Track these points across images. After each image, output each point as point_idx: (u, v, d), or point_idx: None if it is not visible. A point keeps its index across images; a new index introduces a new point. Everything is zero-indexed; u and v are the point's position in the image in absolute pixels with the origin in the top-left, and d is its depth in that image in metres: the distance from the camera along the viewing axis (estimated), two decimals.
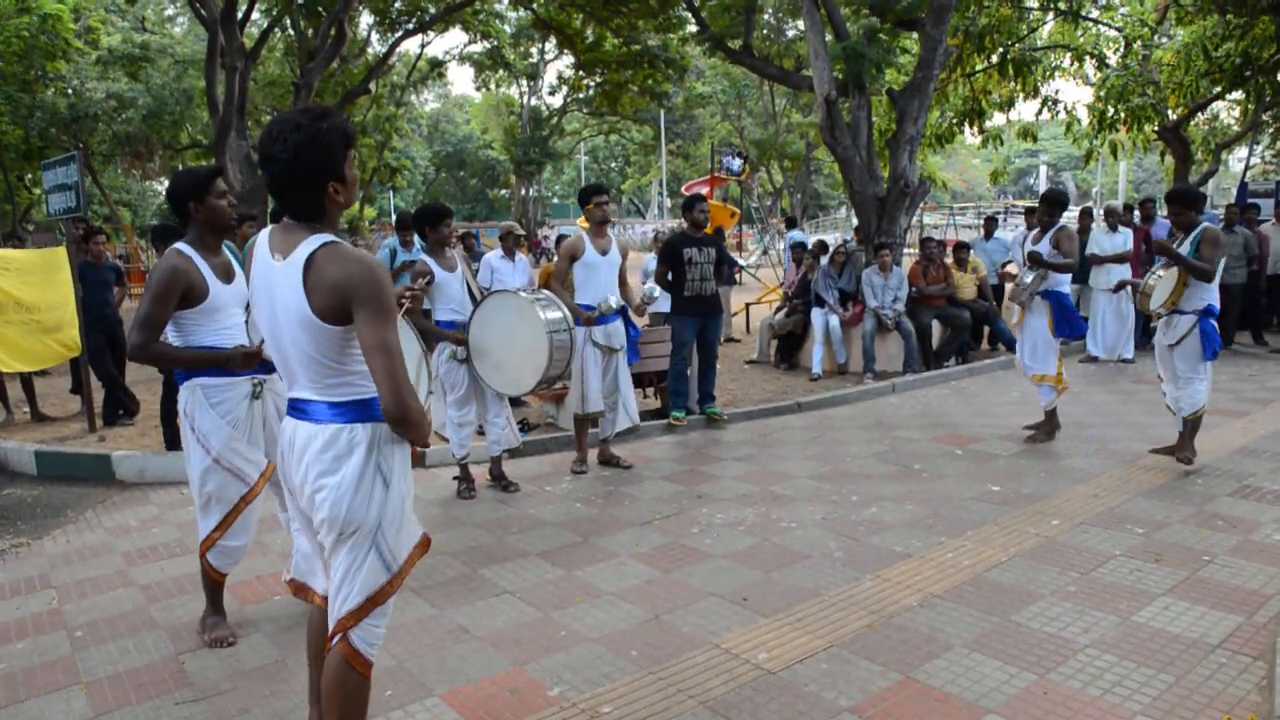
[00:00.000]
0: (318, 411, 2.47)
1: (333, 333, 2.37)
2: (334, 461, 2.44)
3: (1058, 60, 15.37)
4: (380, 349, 2.28)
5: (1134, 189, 48.74)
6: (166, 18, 30.15)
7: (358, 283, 2.29)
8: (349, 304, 2.30)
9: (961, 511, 5.19)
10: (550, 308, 5.52)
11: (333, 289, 2.30)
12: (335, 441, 2.44)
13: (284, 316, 2.40)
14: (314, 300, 2.33)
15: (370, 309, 2.29)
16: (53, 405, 8.95)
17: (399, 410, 2.29)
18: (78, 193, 7.87)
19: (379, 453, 2.47)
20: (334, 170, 2.39)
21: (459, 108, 56.18)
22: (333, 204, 2.44)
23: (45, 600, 4.45)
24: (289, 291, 2.36)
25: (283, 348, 2.47)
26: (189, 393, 3.75)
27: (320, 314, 2.34)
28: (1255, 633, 3.56)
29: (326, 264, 2.32)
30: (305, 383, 2.47)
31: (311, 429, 2.47)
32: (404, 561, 2.58)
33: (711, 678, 3.36)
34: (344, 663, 2.52)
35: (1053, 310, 6.60)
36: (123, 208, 36.89)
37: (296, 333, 2.39)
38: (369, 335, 2.28)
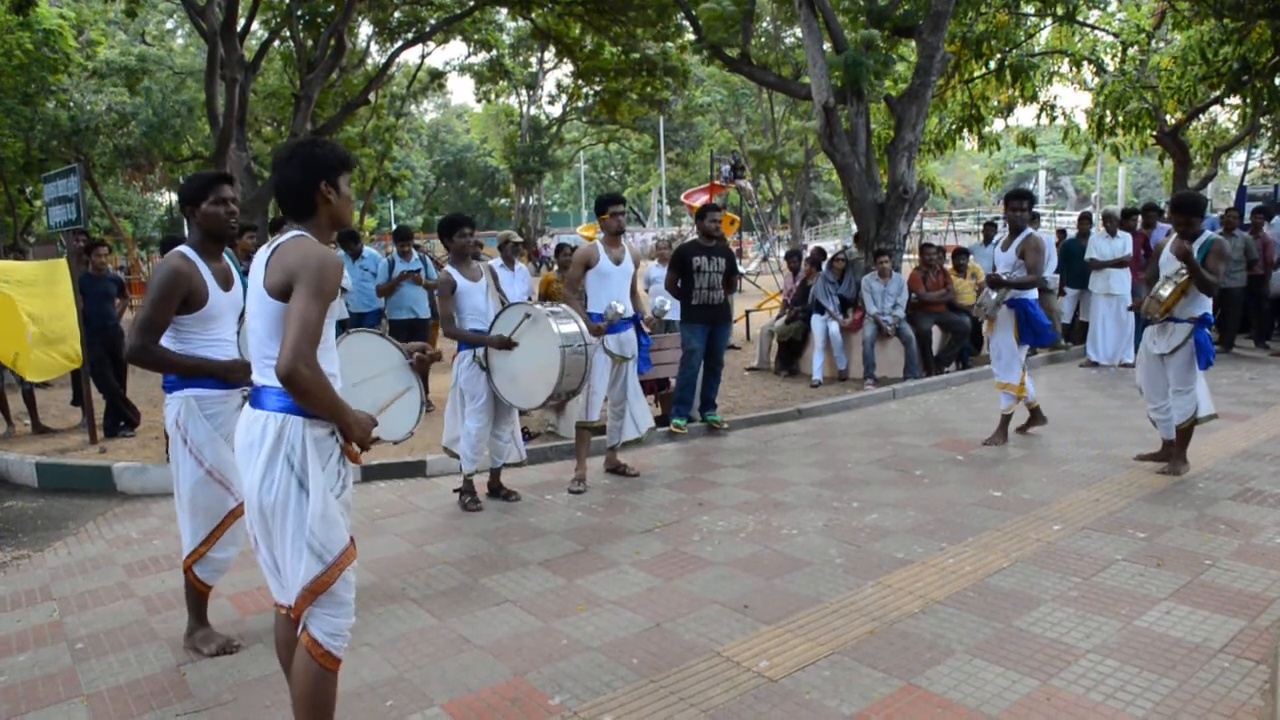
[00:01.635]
0: (261, 398, 2.64)
1: (276, 309, 2.56)
2: (248, 448, 2.63)
3: (1055, 66, 15.41)
4: (298, 316, 2.44)
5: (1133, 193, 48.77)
6: (166, 30, 30.26)
7: (306, 264, 2.49)
8: (291, 281, 2.50)
9: (963, 517, 5.19)
10: (565, 322, 5.53)
11: (285, 268, 2.52)
12: (252, 428, 2.63)
13: (253, 296, 2.63)
14: (269, 278, 2.56)
15: (305, 285, 2.47)
16: (54, 417, 8.95)
17: (286, 370, 2.42)
18: (78, 205, 7.89)
19: (287, 444, 2.59)
20: (325, 173, 2.65)
21: (459, 117, 56.33)
22: (323, 202, 2.67)
23: (46, 612, 4.45)
24: (258, 273, 2.61)
25: (250, 328, 2.68)
26: (182, 403, 3.72)
27: (270, 290, 2.56)
28: (1258, 637, 3.55)
29: (290, 248, 2.56)
30: (259, 369, 2.66)
31: (247, 414, 2.68)
32: (338, 554, 2.65)
33: (713, 686, 3.35)
34: (306, 655, 2.64)
35: (1018, 319, 6.64)
36: (124, 220, 36.94)
37: (255, 309, 2.62)
38: (294, 305, 2.46)
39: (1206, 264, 5.54)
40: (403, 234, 9.34)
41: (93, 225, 25.38)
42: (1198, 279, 5.52)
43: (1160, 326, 5.77)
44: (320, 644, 2.64)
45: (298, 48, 19.19)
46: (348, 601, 2.71)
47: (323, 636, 2.65)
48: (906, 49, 13.00)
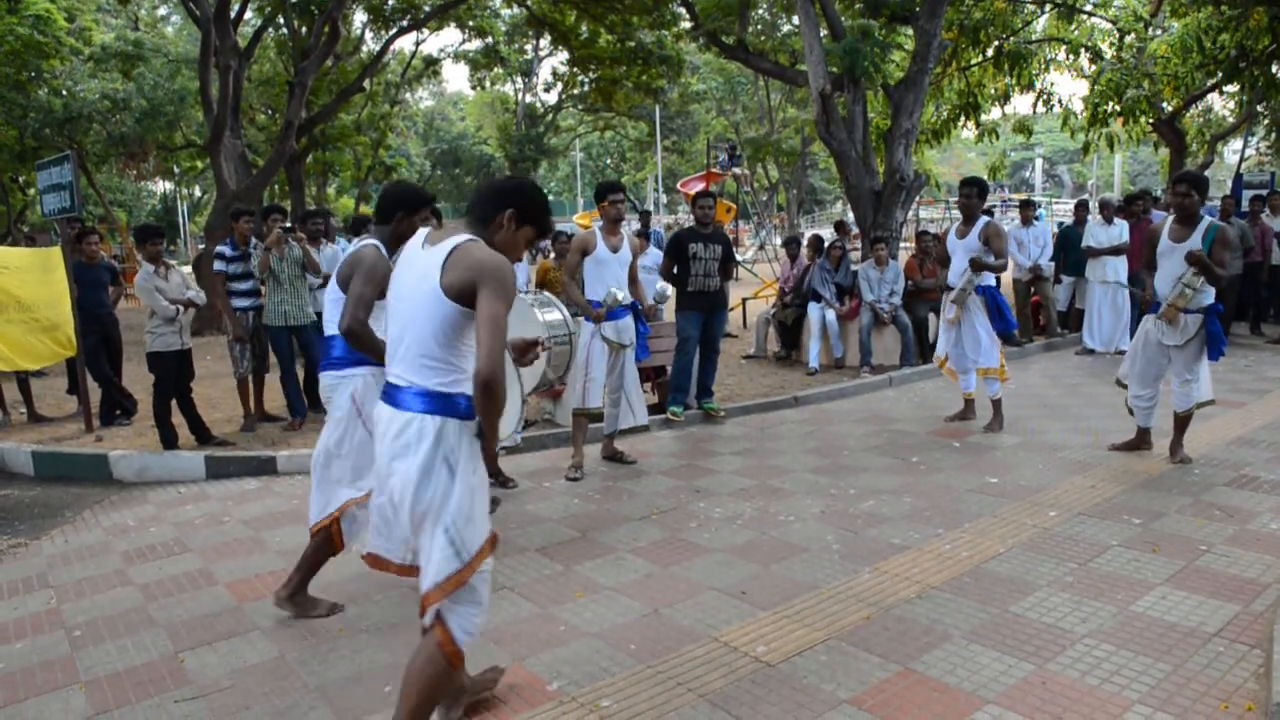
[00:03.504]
0: (405, 398, 2.69)
1: (453, 310, 2.62)
2: (404, 448, 2.66)
3: (1052, 53, 15.38)
4: (490, 320, 2.52)
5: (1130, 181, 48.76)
6: (159, 17, 30.07)
7: (489, 268, 2.57)
8: (475, 284, 2.56)
9: (959, 503, 5.20)
10: (548, 309, 5.51)
11: (466, 269, 2.58)
12: (406, 429, 2.66)
13: (416, 293, 2.67)
14: (446, 277, 2.60)
15: (492, 289, 2.55)
16: (49, 406, 8.93)
17: (488, 373, 2.49)
18: (72, 193, 7.85)
19: (445, 445, 2.65)
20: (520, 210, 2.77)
21: (454, 105, 56.08)
22: (499, 227, 2.76)
23: (43, 600, 4.45)
24: (429, 269, 2.64)
25: (403, 327, 2.72)
26: (367, 379, 3.90)
27: (447, 290, 2.60)
28: (1252, 621, 3.57)
29: (468, 251, 2.63)
30: (406, 367, 2.70)
31: (393, 414, 2.71)
32: (475, 553, 2.70)
33: (710, 671, 3.36)
34: (436, 645, 2.70)
35: (988, 305, 6.69)
36: (118, 208, 36.79)
37: (420, 308, 2.65)
38: (485, 308, 2.53)
39: (1213, 254, 5.48)
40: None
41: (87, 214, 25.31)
42: (1211, 278, 5.49)
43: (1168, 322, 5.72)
44: (454, 639, 2.71)
45: (292, 34, 19.10)
46: (484, 598, 2.80)
47: (459, 632, 2.72)
48: (904, 36, 12.96)
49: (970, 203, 6.76)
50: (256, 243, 7.57)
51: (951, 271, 6.88)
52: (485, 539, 2.74)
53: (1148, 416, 6.03)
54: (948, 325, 6.95)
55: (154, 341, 6.95)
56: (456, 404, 2.67)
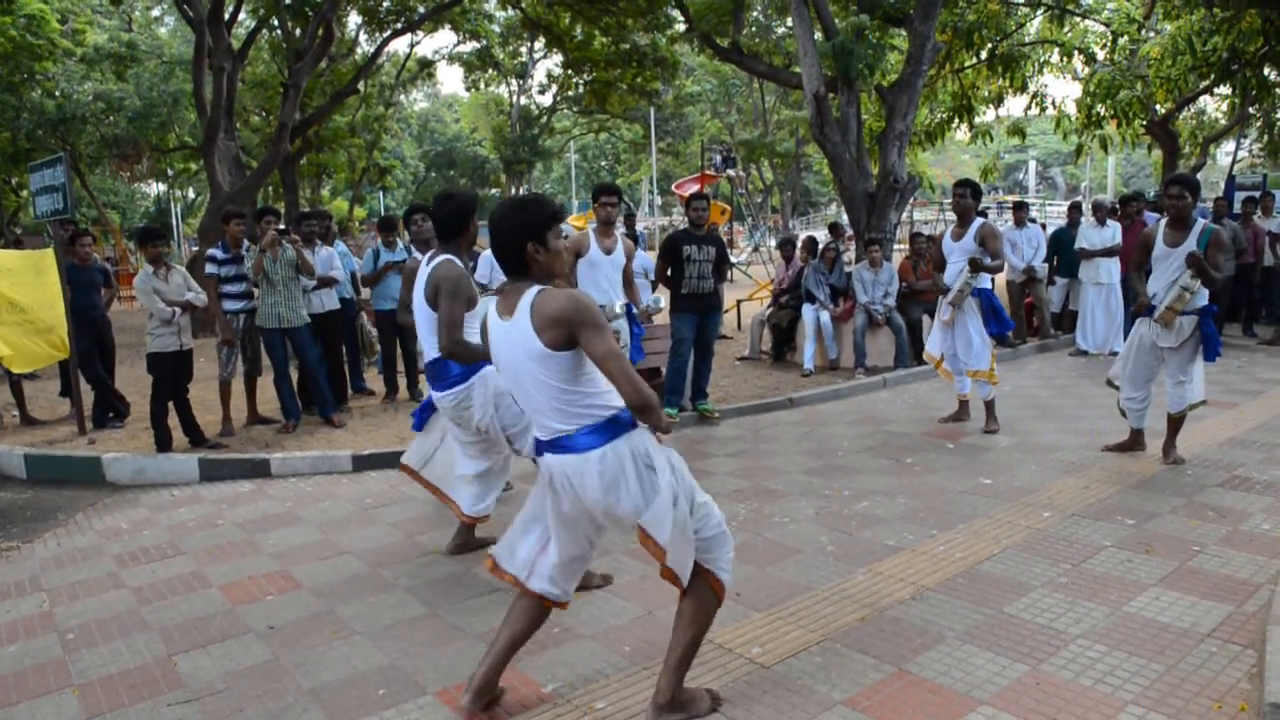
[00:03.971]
0: (577, 442, 2.85)
1: (563, 359, 2.78)
2: (613, 482, 2.83)
3: (1046, 56, 15.42)
4: (609, 355, 2.71)
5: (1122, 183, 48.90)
6: (153, 18, 30.00)
7: (573, 312, 2.72)
8: (571, 330, 2.73)
9: (953, 504, 5.21)
10: None
11: (555, 321, 2.73)
12: (605, 465, 2.82)
13: (523, 363, 2.83)
14: (543, 337, 2.75)
15: (589, 328, 2.72)
16: (42, 408, 8.90)
17: (639, 399, 2.73)
18: (65, 194, 7.83)
19: (639, 456, 2.86)
20: (530, 235, 2.83)
21: (448, 107, 56.05)
22: (533, 262, 2.85)
23: (36, 603, 4.43)
24: (521, 338, 2.80)
25: (528, 394, 2.90)
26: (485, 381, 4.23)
27: (549, 345, 2.75)
28: (1245, 621, 3.58)
29: (543, 305, 2.76)
30: (556, 420, 2.87)
31: (578, 459, 2.85)
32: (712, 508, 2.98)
33: (705, 673, 3.36)
34: (707, 589, 2.97)
35: (983, 308, 6.70)
36: (111, 210, 36.71)
37: (535, 370, 2.81)
38: (597, 348, 2.72)
39: (1207, 256, 5.48)
40: (387, 224, 9.27)
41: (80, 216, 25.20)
42: (1207, 281, 5.50)
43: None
44: (720, 580, 2.98)
45: (286, 36, 19.06)
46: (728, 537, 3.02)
47: (721, 574, 2.98)
48: (898, 38, 12.98)
49: (964, 203, 6.76)
50: (249, 245, 7.56)
51: (947, 274, 6.88)
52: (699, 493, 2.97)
53: (1141, 418, 6.04)
54: (943, 326, 6.96)
55: (154, 343, 6.94)
56: (620, 420, 2.86)
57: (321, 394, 7.80)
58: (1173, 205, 5.64)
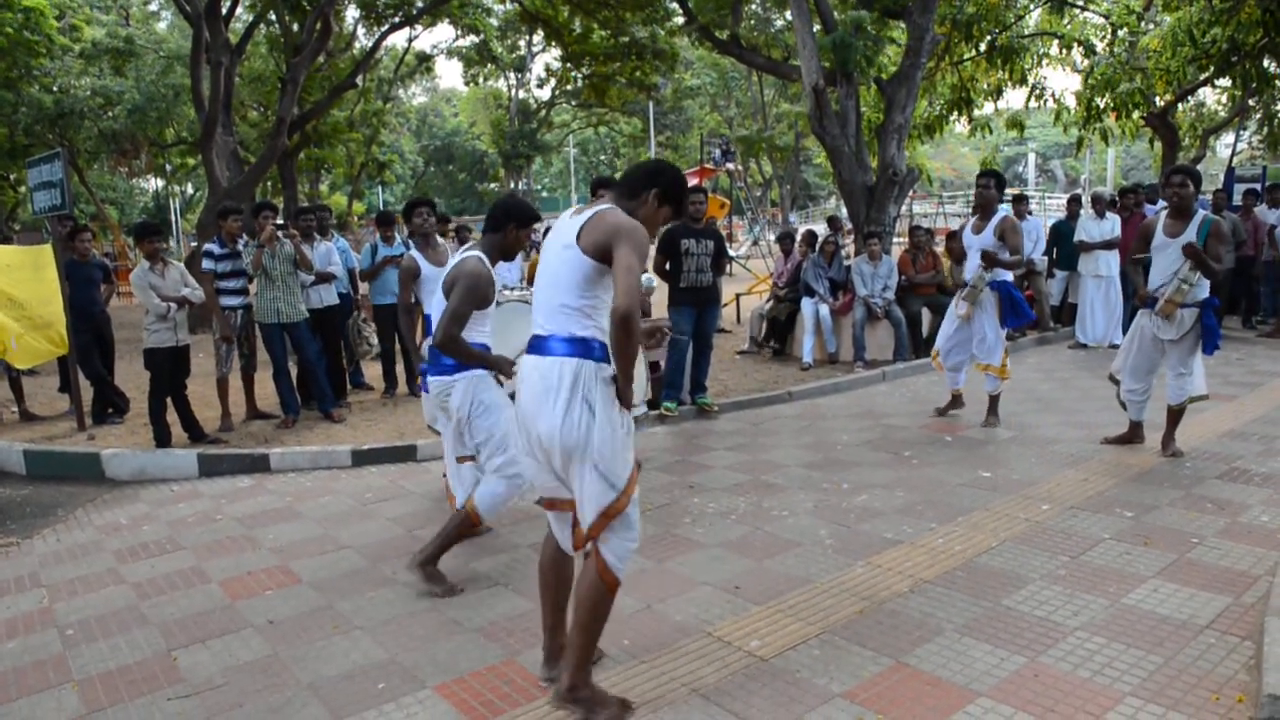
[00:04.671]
0: (549, 345, 2.94)
1: (589, 265, 2.89)
2: (545, 392, 2.90)
3: (1045, 48, 15.38)
4: (627, 268, 2.79)
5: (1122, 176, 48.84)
6: (150, 13, 29.93)
7: (625, 228, 2.85)
8: (612, 241, 2.83)
9: (952, 497, 5.21)
10: None
11: (603, 231, 2.86)
12: (549, 374, 2.90)
13: (559, 255, 2.96)
14: (585, 239, 2.88)
15: (628, 244, 2.82)
16: (41, 404, 8.91)
17: (625, 308, 2.74)
18: (62, 190, 7.82)
19: (583, 387, 2.88)
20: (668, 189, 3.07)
21: (447, 101, 55.93)
22: (644, 204, 3.05)
23: (35, 599, 4.44)
24: (569, 233, 2.94)
25: (548, 285, 3.01)
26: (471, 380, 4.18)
27: (585, 249, 2.88)
28: (1244, 613, 3.58)
29: (605, 216, 2.91)
30: (548, 317, 2.97)
31: (536, 361, 2.96)
32: (625, 483, 2.93)
33: (704, 666, 3.37)
34: (595, 575, 2.95)
35: (1001, 301, 6.65)
36: (110, 206, 36.67)
37: (562, 266, 2.94)
38: (622, 259, 2.80)
39: (1207, 247, 5.47)
40: (385, 219, 9.25)
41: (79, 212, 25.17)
42: (1207, 272, 5.49)
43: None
44: (609, 566, 2.95)
45: (283, 31, 19.02)
46: (636, 523, 3.01)
47: (612, 559, 2.96)
48: (896, 31, 12.95)
49: (988, 194, 6.68)
50: (246, 240, 7.54)
51: (967, 268, 6.81)
52: (631, 470, 2.96)
53: (1140, 410, 6.04)
54: (958, 321, 6.89)
55: (150, 338, 6.94)
56: (592, 348, 2.92)
57: (321, 389, 7.80)
58: (1175, 194, 5.63)
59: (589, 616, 2.97)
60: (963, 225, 7.14)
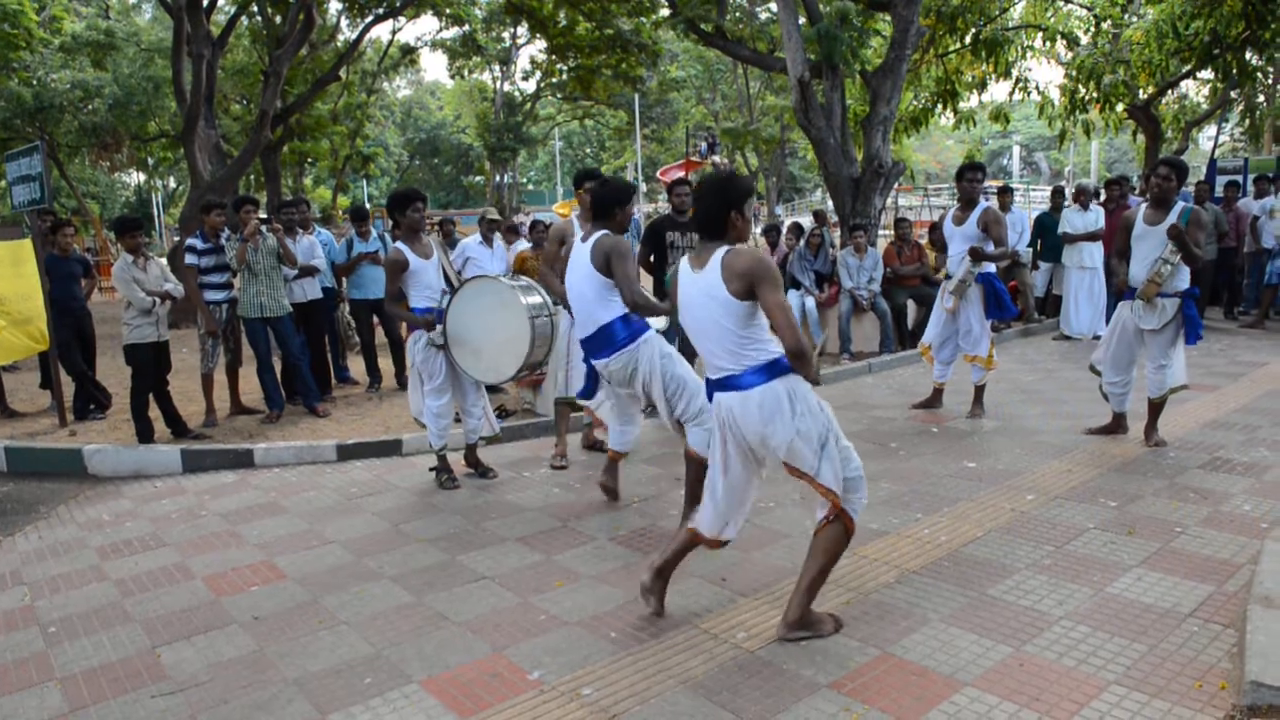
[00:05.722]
0: (745, 379, 3.34)
1: (742, 307, 3.28)
2: (772, 415, 3.31)
3: (1029, 40, 15.43)
4: (779, 307, 3.21)
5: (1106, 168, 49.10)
6: (131, 5, 29.65)
7: (757, 269, 3.23)
8: (753, 284, 3.22)
9: (938, 488, 5.23)
10: (530, 293, 5.51)
11: (742, 275, 3.24)
12: (765, 399, 3.31)
13: (706, 308, 3.35)
14: (729, 286, 3.26)
15: (768, 283, 3.22)
16: (22, 401, 8.82)
17: (797, 345, 3.21)
18: (42, 184, 7.74)
19: (794, 394, 3.33)
20: (735, 205, 3.36)
21: (431, 94, 55.69)
22: (731, 226, 3.37)
23: (17, 597, 4.40)
24: (711, 287, 3.31)
25: (706, 336, 3.41)
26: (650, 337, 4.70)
27: (733, 294, 3.26)
28: (1226, 601, 3.61)
29: (734, 261, 3.28)
30: (728, 361, 3.36)
31: (741, 396, 3.35)
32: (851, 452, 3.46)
33: (691, 658, 3.37)
34: (842, 527, 3.43)
35: (985, 293, 6.67)
36: (91, 200, 36.33)
37: (717, 314, 3.32)
38: (770, 299, 3.22)
39: (1188, 233, 5.50)
40: (359, 214, 9.19)
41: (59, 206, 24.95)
42: (1188, 256, 5.52)
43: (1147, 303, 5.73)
44: (852, 518, 3.44)
45: (266, 23, 18.90)
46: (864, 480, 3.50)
47: (854, 513, 3.44)
48: (881, 23, 12.96)
49: (974, 188, 6.71)
50: (229, 234, 7.49)
51: (950, 259, 6.82)
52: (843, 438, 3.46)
53: (1123, 401, 6.08)
54: (945, 315, 6.89)
55: (131, 333, 6.87)
56: (780, 365, 3.33)
57: (305, 383, 7.76)
58: (1157, 186, 5.65)
59: (830, 557, 3.43)
60: (943, 216, 7.15)
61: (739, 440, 3.46)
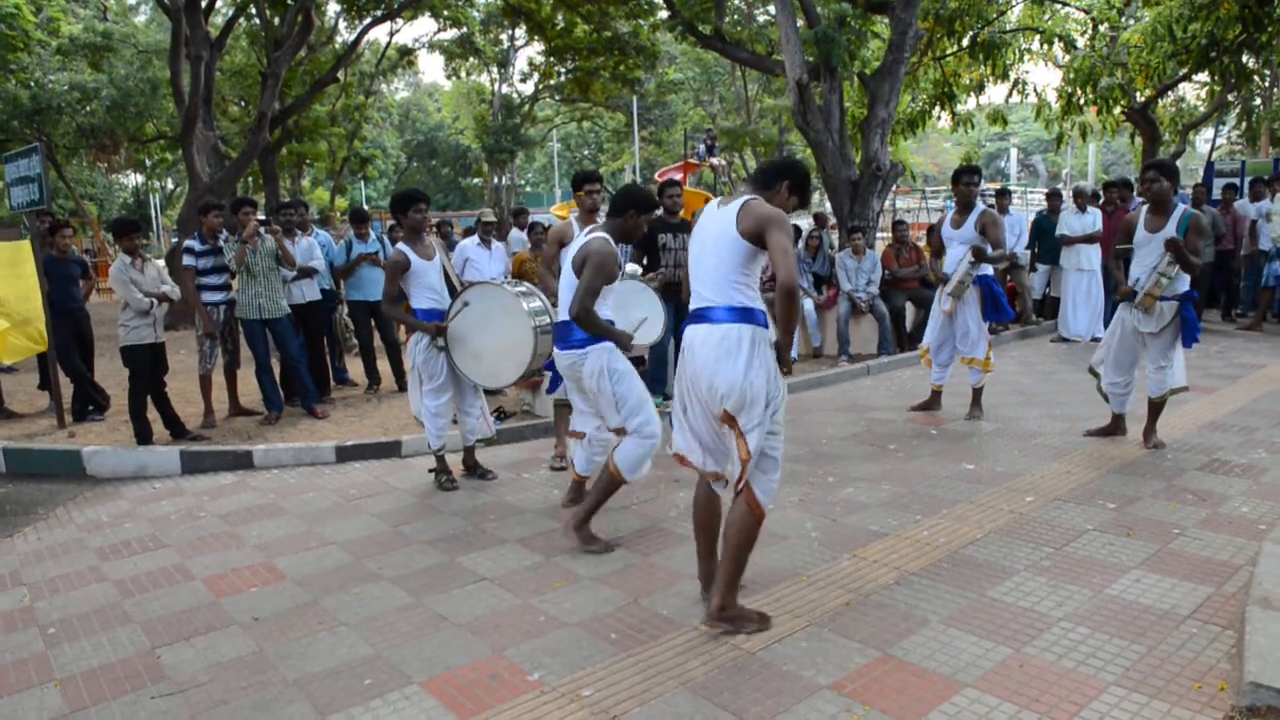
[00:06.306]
0: (716, 314, 3.45)
1: (745, 247, 3.43)
2: (727, 353, 3.38)
3: (1026, 43, 15.46)
4: (782, 250, 3.34)
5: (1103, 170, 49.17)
6: (129, 6, 29.63)
7: (775, 216, 3.40)
8: (763, 229, 3.37)
9: (937, 490, 5.24)
10: (532, 299, 5.51)
11: (757, 219, 3.40)
12: (727, 337, 3.40)
13: (715, 240, 3.49)
14: (741, 225, 3.42)
15: (778, 228, 3.37)
16: (20, 402, 8.81)
17: (790, 282, 3.32)
18: (40, 185, 7.73)
19: (756, 348, 3.40)
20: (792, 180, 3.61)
21: (429, 96, 55.67)
22: (776, 194, 3.57)
23: (16, 598, 4.39)
24: (724, 222, 3.47)
25: (704, 266, 3.53)
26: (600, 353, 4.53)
27: (743, 234, 3.42)
28: (1225, 603, 3.62)
29: (754, 206, 3.45)
30: (711, 292, 3.48)
31: (708, 329, 3.45)
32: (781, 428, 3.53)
33: (691, 659, 3.37)
34: (746, 508, 3.45)
35: (983, 295, 6.69)
36: (89, 202, 36.30)
37: (720, 248, 3.47)
38: (776, 241, 3.35)
39: (1186, 241, 5.51)
40: (359, 216, 9.20)
41: (57, 207, 24.92)
42: (1186, 267, 5.53)
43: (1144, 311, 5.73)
44: (759, 500, 3.46)
45: (264, 25, 18.90)
46: (779, 467, 3.56)
47: (761, 496, 3.47)
48: (880, 25, 12.98)
49: (971, 191, 6.72)
50: (227, 236, 7.49)
51: (947, 261, 6.83)
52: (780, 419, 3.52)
53: (1123, 403, 6.09)
54: (942, 317, 6.90)
55: (128, 335, 6.87)
56: (757, 316, 3.45)
57: (304, 385, 7.76)
58: (1147, 189, 5.68)
59: (739, 544, 3.46)
60: (941, 219, 7.16)
61: (687, 379, 3.54)
